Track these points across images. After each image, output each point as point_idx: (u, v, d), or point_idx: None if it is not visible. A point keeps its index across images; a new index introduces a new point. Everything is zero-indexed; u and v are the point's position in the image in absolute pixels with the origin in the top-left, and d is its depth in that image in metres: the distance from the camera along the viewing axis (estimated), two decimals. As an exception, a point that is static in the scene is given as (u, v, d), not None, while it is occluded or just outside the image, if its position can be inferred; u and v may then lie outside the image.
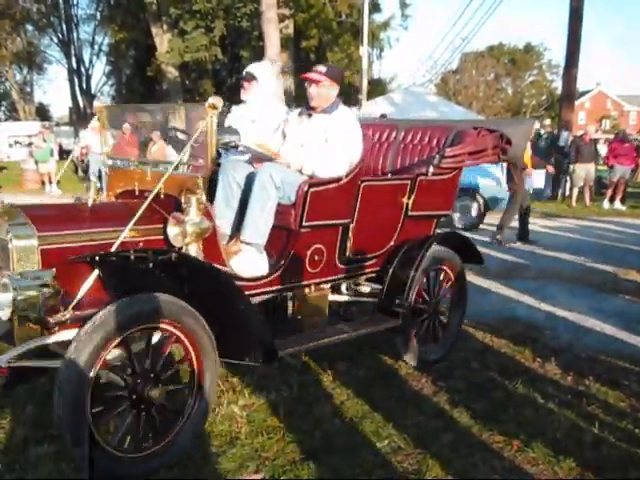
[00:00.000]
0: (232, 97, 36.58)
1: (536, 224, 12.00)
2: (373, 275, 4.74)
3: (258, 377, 4.44)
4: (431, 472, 3.31)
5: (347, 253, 4.37)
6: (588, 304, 6.72)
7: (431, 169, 4.65)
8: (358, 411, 4.00)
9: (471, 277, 7.74)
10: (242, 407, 3.99)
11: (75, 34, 43.99)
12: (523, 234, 10.60)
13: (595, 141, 17.80)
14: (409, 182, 4.58)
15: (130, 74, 41.80)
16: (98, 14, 42.38)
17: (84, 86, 45.04)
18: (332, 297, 4.53)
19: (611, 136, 22.21)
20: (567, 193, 17.08)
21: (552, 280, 7.85)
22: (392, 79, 38.76)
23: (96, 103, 26.89)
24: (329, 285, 4.42)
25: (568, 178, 16.83)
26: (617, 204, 15.76)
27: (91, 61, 45.86)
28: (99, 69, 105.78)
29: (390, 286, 4.58)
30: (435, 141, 4.98)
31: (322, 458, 3.41)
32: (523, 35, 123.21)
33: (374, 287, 4.75)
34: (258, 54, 23.51)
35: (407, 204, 4.59)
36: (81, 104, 43.81)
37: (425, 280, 4.78)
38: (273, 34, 18.41)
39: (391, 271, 4.59)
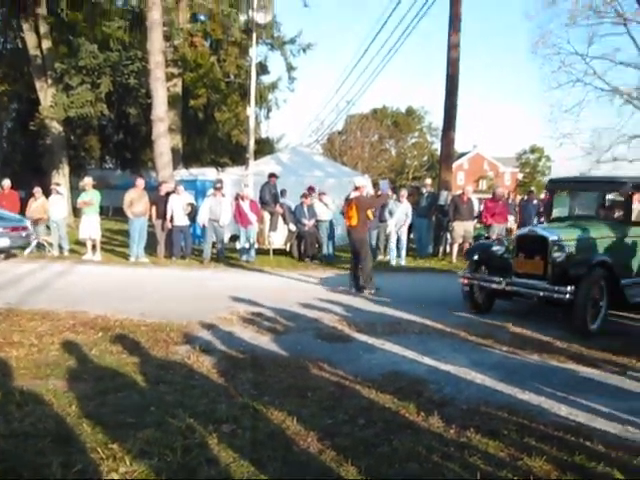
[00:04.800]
0: (119, 154, 36.14)
1: (393, 279, 12.32)
2: None
3: (141, 441, 4.29)
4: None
5: None
6: (469, 357, 6.93)
7: None
8: (244, 474, 3.91)
9: (356, 334, 7.90)
10: (123, 474, 3.83)
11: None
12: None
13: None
14: None
15: (12, 128, 40.40)
16: (-21, 65, 40.94)
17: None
18: None
19: (485, 195, 23.34)
20: (448, 250, 17.73)
21: (434, 334, 8.07)
22: (280, 139, 39.34)
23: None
24: None
25: (448, 235, 17.51)
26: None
27: (-29, 113, 44.07)
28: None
29: None
30: None
31: (206, 524, 3.31)
32: (405, 99, 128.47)
33: None
34: (146, 111, 23.37)
35: None
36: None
37: None
38: (161, 92, 18.32)
39: None
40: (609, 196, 10.72)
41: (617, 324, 8.92)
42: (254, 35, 19.65)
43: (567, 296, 7.96)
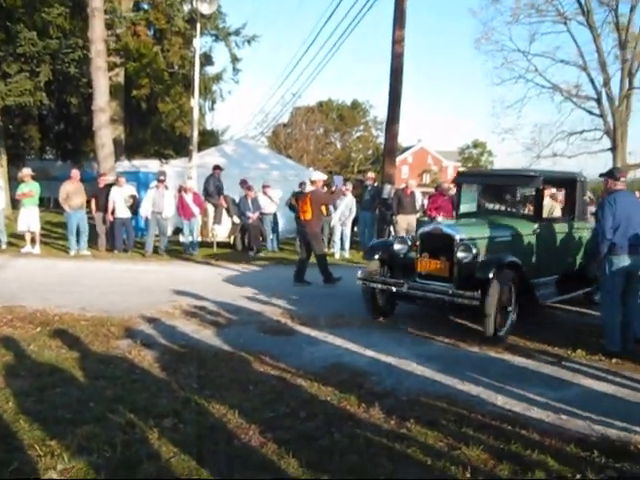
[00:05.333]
0: (59, 144, 35.28)
1: (337, 272, 12.44)
2: None
3: (80, 438, 4.24)
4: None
5: None
6: (410, 349, 7.05)
7: None
8: (185, 469, 3.90)
9: (299, 327, 7.94)
10: (61, 472, 3.78)
11: None
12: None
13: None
14: None
15: (-54, 117, 39.11)
16: None
17: None
18: None
19: (428, 189, 23.63)
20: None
21: (376, 327, 8.18)
22: (224, 131, 38.91)
23: None
24: None
25: (392, 228, 17.68)
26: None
27: None
28: None
29: None
30: None
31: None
32: (350, 92, 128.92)
33: None
34: (87, 101, 22.90)
35: None
36: None
37: None
38: (102, 82, 18.01)
39: None
40: (519, 190, 10.25)
41: (552, 316, 9.17)
42: (198, 25, 19.48)
43: (473, 301, 7.28)
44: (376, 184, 18.66)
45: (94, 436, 4.27)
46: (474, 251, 7.66)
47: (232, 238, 17.15)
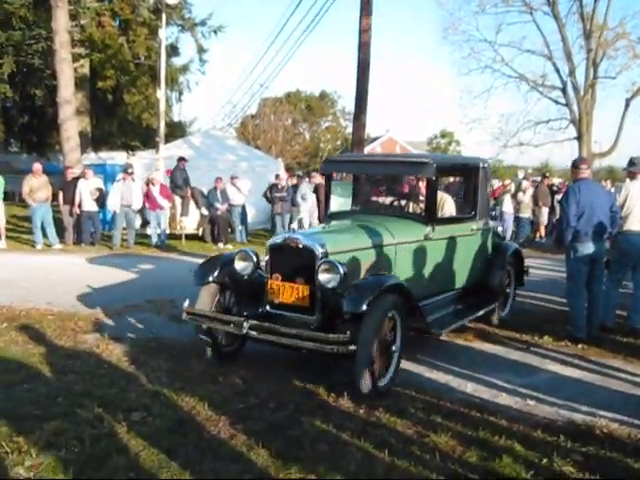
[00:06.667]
0: (24, 137, 34.75)
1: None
2: None
3: (47, 433, 4.21)
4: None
5: None
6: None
7: None
8: (154, 462, 3.90)
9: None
10: (28, 468, 3.76)
11: None
12: None
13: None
14: None
15: None
16: None
17: None
18: None
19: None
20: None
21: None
22: (192, 122, 38.50)
23: None
24: None
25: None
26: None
27: None
28: None
29: None
30: None
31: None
32: (318, 83, 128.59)
33: None
34: (52, 93, 22.58)
35: None
36: None
37: None
38: (67, 73, 17.77)
39: None
40: (407, 182, 8.33)
41: (519, 302, 9.25)
42: (164, 16, 19.24)
43: (340, 348, 4.99)
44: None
45: (62, 431, 4.25)
46: (342, 271, 5.35)
47: (200, 230, 17.06)
